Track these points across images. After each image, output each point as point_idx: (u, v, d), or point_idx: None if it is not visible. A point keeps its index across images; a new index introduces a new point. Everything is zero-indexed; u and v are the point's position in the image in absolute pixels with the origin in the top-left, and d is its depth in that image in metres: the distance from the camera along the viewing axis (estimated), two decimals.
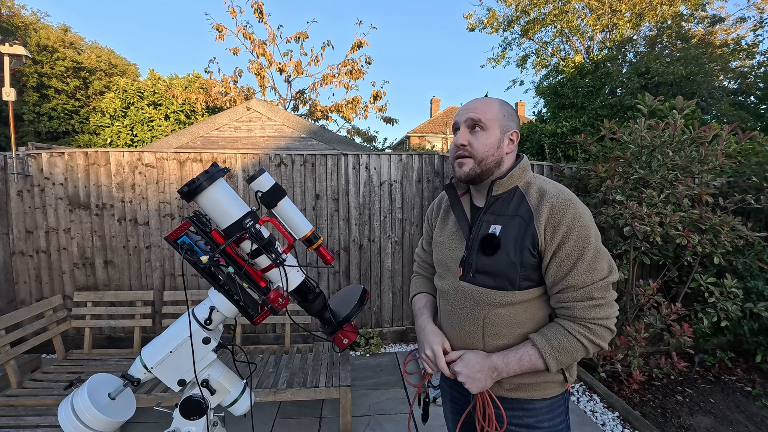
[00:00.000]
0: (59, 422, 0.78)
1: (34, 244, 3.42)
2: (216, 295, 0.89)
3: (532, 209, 0.97)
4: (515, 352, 0.95)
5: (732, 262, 3.14)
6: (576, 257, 0.92)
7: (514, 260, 0.96)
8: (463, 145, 1.01)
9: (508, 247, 0.96)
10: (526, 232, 0.95)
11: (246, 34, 8.93)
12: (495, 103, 1.03)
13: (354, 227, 3.75)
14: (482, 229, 1.02)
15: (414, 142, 20.29)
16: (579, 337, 0.92)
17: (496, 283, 0.98)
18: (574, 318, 0.93)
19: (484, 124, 1.00)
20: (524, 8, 13.34)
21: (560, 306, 0.95)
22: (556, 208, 0.94)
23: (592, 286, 0.91)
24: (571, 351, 0.92)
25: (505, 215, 1.00)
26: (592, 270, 0.91)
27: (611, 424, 2.54)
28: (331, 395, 2.34)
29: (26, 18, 11.50)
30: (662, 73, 7.97)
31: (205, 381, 0.91)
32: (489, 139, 1.01)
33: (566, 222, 0.92)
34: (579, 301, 0.92)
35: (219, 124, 5.38)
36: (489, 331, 1.00)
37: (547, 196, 0.96)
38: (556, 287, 0.95)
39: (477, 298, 1.01)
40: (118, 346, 3.43)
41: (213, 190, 0.82)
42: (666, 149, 2.87)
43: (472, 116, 1.01)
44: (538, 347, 0.93)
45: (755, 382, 3.07)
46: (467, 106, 1.04)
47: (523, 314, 0.99)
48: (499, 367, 0.95)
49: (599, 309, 0.92)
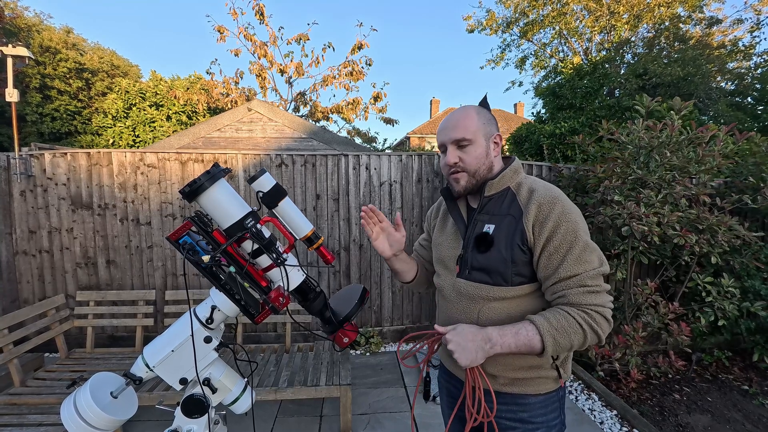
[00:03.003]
0: (62, 420, 0.78)
1: (37, 243, 3.45)
2: (217, 295, 0.89)
3: (521, 207, 1.01)
4: (511, 326, 0.93)
5: (729, 261, 3.15)
6: (565, 250, 0.94)
7: (506, 256, 0.99)
8: (455, 163, 1.05)
9: (500, 244, 1.00)
10: (516, 229, 0.99)
11: (247, 36, 8.96)
12: (473, 113, 1.06)
13: (354, 227, 3.77)
14: (477, 228, 1.06)
15: (414, 143, 20.28)
16: (578, 318, 0.91)
17: (491, 278, 1.02)
18: (572, 303, 0.93)
19: (470, 139, 1.04)
20: (523, 10, 13.35)
21: (556, 297, 0.96)
22: (544, 205, 0.97)
23: (584, 275, 0.93)
24: (569, 332, 0.91)
25: (498, 214, 1.04)
26: (582, 261, 0.93)
27: (609, 422, 2.56)
28: (331, 394, 2.36)
29: (29, 20, 11.55)
30: (660, 75, 7.98)
31: (206, 380, 0.90)
32: (477, 151, 1.04)
33: (553, 218, 0.95)
34: (572, 288, 0.93)
35: (220, 125, 5.41)
36: (483, 324, 1.00)
37: (535, 194, 1.00)
38: (549, 280, 0.96)
39: (472, 293, 1.04)
40: (120, 345, 3.45)
41: (214, 190, 0.82)
42: (664, 150, 2.89)
43: (455, 136, 1.04)
44: (536, 324, 0.92)
45: (752, 380, 3.09)
46: (448, 125, 1.07)
47: (515, 309, 1.01)
48: (494, 339, 0.91)
49: (594, 296, 0.93)
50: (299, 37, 9.22)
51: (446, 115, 1.11)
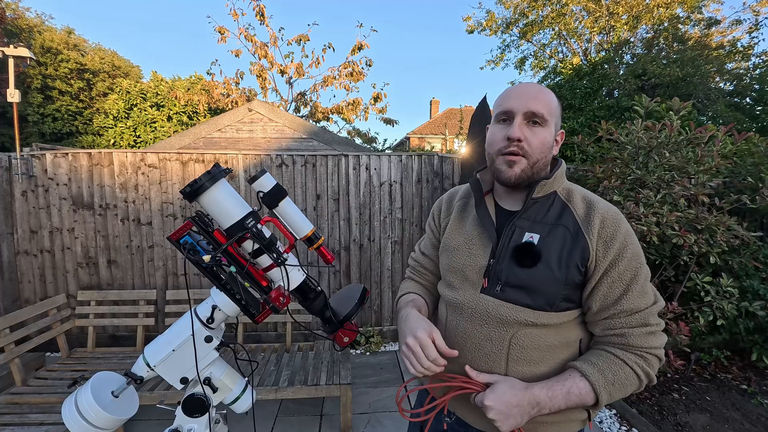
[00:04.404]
0: (63, 420, 0.78)
1: (39, 243, 3.46)
2: (218, 294, 0.89)
3: (578, 219, 0.85)
4: (561, 384, 0.79)
5: (728, 261, 3.16)
6: (630, 278, 0.80)
7: (558, 276, 0.82)
8: (519, 140, 0.83)
9: (550, 260, 0.82)
10: (575, 245, 0.82)
11: (248, 37, 8.97)
12: (551, 94, 0.87)
13: (354, 227, 3.78)
14: (515, 236, 0.87)
15: (414, 143, 20.30)
16: (636, 368, 0.79)
17: (532, 300, 0.84)
18: (629, 346, 0.80)
19: (546, 119, 0.84)
20: (522, 11, 13.36)
21: (611, 333, 0.82)
22: (608, 222, 0.82)
23: (647, 311, 0.80)
24: (625, 384, 0.79)
25: (544, 223, 0.86)
26: (645, 293, 0.81)
27: (608, 421, 2.57)
28: (331, 393, 2.37)
29: (30, 20, 11.58)
30: (659, 75, 7.99)
31: (207, 379, 0.90)
32: (547, 138, 0.86)
33: (620, 238, 0.81)
34: (634, 327, 0.80)
35: (221, 125, 5.42)
36: (516, 354, 0.85)
37: (596, 207, 0.84)
38: (606, 312, 0.82)
39: (504, 315, 0.85)
40: (122, 344, 3.46)
41: (215, 190, 0.82)
42: (662, 150, 2.89)
43: (533, 107, 0.83)
44: (590, 379, 0.78)
45: (751, 380, 3.09)
46: (526, 91, 0.86)
47: (555, 337, 0.85)
48: (542, 402, 0.78)
49: (655, 337, 0.81)
50: (299, 37, 9.23)
51: (514, 86, 0.89)
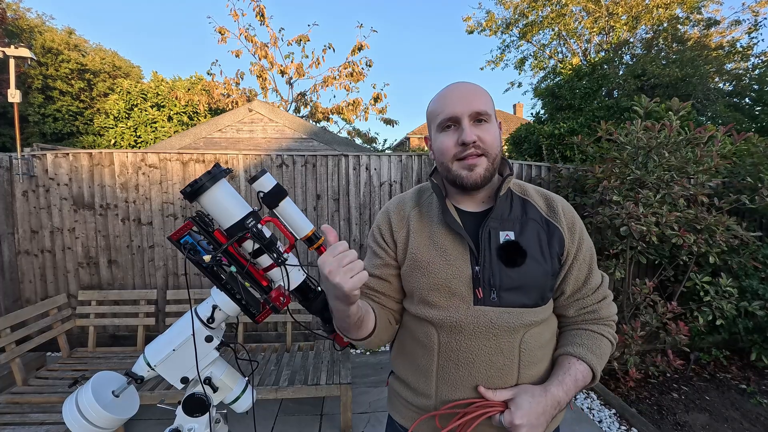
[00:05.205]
0: (64, 419, 0.78)
1: (39, 243, 3.47)
2: (218, 294, 0.89)
3: (542, 212, 0.87)
4: (569, 375, 0.81)
5: (727, 261, 3.17)
6: (590, 258, 0.87)
7: (546, 268, 0.83)
8: (474, 141, 0.81)
9: (535, 254, 0.83)
10: (552, 236, 0.84)
11: (248, 37, 8.99)
12: (484, 89, 0.87)
13: (354, 227, 3.78)
14: (492, 238, 0.84)
15: (414, 143, 20.29)
16: (609, 336, 0.85)
17: (528, 299, 0.82)
18: (600, 319, 0.86)
19: (488, 114, 0.82)
20: (522, 11, 13.38)
21: (584, 311, 0.87)
22: (567, 209, 0.88)
23: (603, 284, 0.87)
24: (606, 354, 0.84)
25: (512, 220, 0.86)
26: (597, 268, 0.89)
27: (608, 421, 2.57)
28: (332, 393, 2.38)
29: (31, 21, 11.59)
30: (658, 75, 8.00)
31: (207, 379, 0.90)
32: (496, 132, 0.84)
33: (577, 222, 0.87)
34: (600, 301, 0.87)
35: (221, 126, 5.43)
36: (526, 359, 0.82)
37: (553, 198, 0.90)
38: (579, 293, 0.86)
39: (509, 322, 0.81)
40: (122, 344, 3.46)
41: (215, 190, 0.82)
42: (662, 150, 2.90)
43: (477, 107, 0.81)
44: (586, 361, 0.82)
45: (750, 379, 3.10)
46: (464, 93, 0.84)
47: (548, 330, 0.88)
48: (561, 399, 0.79)
49: (613, 305, 0.88)
50: (300, 38, 9.25)
51: (448, 89, 0.86)
